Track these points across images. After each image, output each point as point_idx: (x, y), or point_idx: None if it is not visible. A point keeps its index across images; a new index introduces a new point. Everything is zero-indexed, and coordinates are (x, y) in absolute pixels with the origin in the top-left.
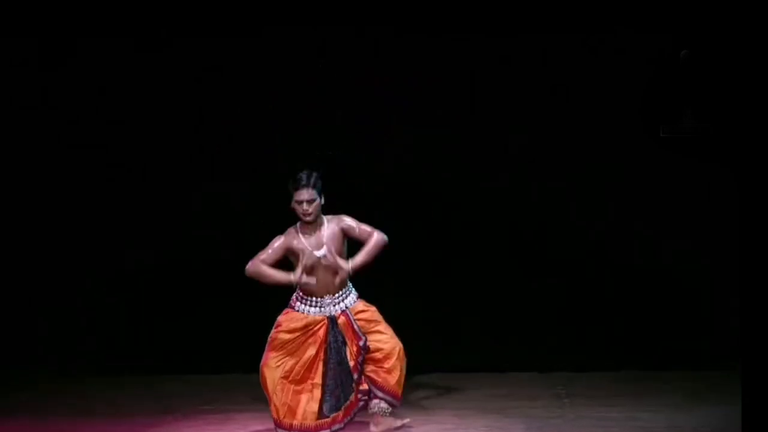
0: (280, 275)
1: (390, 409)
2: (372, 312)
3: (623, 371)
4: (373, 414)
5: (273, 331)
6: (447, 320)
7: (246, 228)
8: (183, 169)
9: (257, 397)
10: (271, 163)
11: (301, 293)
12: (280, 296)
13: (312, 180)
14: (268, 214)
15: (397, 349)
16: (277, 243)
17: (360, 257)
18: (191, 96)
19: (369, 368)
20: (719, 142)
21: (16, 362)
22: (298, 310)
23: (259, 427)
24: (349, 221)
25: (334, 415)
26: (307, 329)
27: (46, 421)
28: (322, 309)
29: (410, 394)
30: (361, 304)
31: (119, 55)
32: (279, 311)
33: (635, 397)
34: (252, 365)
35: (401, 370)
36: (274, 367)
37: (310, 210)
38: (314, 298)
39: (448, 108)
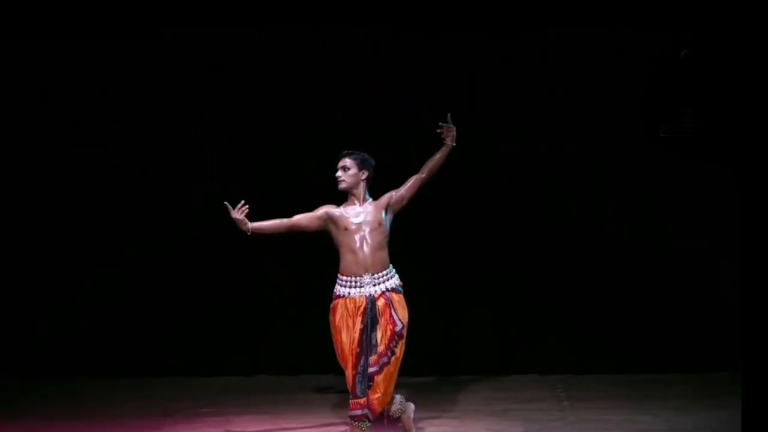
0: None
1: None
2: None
3: (623, 374)
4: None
5: (332, 331)
6: (447, 322)
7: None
8: (183, 169)
9: (257, 400)
10: (271, 163)
11: (340, 276)
12: (281, 298)
13: (354, 153)
14: (269, 215)
15: (391, 370)
16: (321, 210)
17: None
18: (191, 96)
19: None
20: (719, 142)
21: (15, 364)
22: (340, 295)
23: (259, 430)
24: (389, 193)
25: (364, 399)
26: (353, 314)
27: (46, 424)
28: (362, 289)
29: (411, 397)
30: (403, 307)
31: (119, 55)
32: (280, 313)
33: (635, 399)
34: (251, 368)
35: (385, 391)
36: (339, 350)
37: (342, 176)
38: (354, 278)
39: (447, 107)
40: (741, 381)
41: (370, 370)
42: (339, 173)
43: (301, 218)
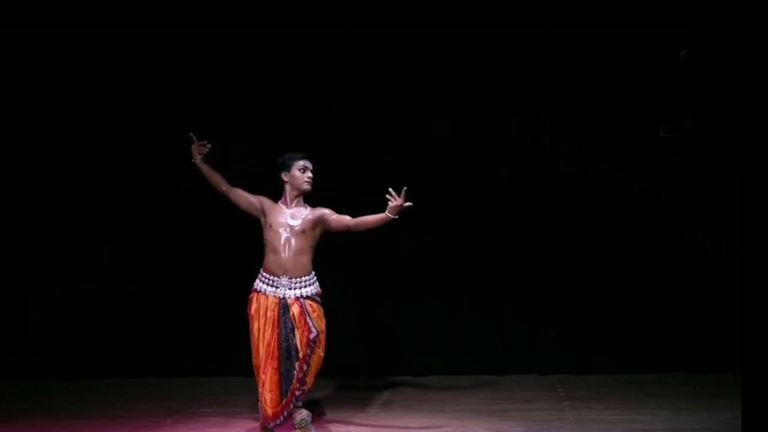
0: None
1: (310, 417)
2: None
3: (623, 374)
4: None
5: (249, 325)
6: (447, 322)
7: (248, 232)
8: (188, 170)
9: (257, 400)
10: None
11: (261, 272)
12: None
13: None
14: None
15: (313, 369)
16: (261, 197)
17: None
18: (194, 95)
19: None
20: (720, 141)
21: (15, 365)
22: (257, 289)
23: (259, 430)
24: (326, 210)
25: (285, 400)
26: (265, 311)
27: (46, 424)
28: (277, 290)
29: (410, 396)
30: (320, 311)
31: (111, 49)
32: None
33: (635, 399)
34: (252, 368)
35: (310, 385)
36: (260, 364)
37: (312, 178)
38: (272, 277)
39: (447, 106)
40: (742, 383)
41: (298, 374)
42: (311, 174)
43: (238, 190)
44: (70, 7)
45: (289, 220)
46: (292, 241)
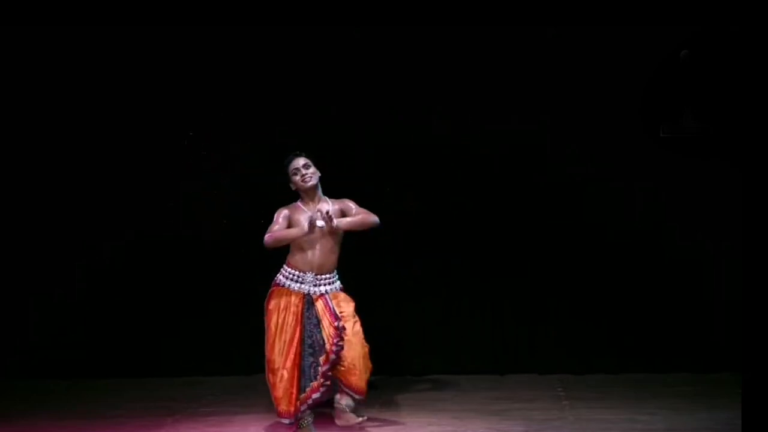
0: (295, 230)
1: (353, 404)
2: (350, 307)
3: (623, 374)
4: (336, 408)
5: (265, 318)
6: (447, 322)
7: (248, 233)
8: (188, 170)
9: (257, 400)
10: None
11: (285, 267)
12: None
13: (304, 153)
14: (264, 211)
15: (358, 352)
16: (282, 214)
17: (346, 220)
18: (194, 95)
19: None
20: (721, 141)
21: (15, 365)
22: (279, 284)
23: (259, 429)
24: (349, 203)
25: (303, 395)
26: (287, 306)
27: (46, 424)
28: (302, 285)
29: (410, 396)
30: (343, 295)
31: (108, 48)
32: None
33: (635, 399)
34: (252, 368)
35: (361, 369)
36: (275, 358)
37: (309, 173)
38: (297, 272)
39: (445, 104)
40: (742, 383)
41: (323, 368)
42: (304, 171)
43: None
44: (70, 7)
45: (322, 222)
46: (323, 240)
